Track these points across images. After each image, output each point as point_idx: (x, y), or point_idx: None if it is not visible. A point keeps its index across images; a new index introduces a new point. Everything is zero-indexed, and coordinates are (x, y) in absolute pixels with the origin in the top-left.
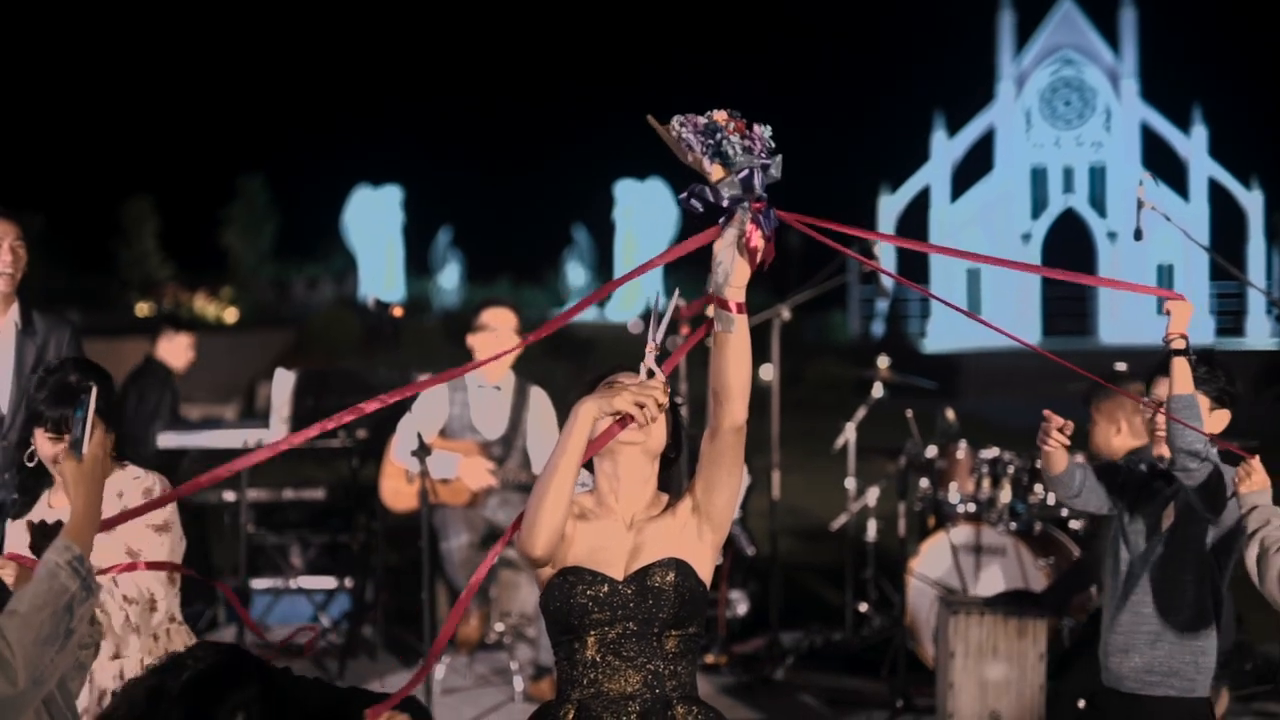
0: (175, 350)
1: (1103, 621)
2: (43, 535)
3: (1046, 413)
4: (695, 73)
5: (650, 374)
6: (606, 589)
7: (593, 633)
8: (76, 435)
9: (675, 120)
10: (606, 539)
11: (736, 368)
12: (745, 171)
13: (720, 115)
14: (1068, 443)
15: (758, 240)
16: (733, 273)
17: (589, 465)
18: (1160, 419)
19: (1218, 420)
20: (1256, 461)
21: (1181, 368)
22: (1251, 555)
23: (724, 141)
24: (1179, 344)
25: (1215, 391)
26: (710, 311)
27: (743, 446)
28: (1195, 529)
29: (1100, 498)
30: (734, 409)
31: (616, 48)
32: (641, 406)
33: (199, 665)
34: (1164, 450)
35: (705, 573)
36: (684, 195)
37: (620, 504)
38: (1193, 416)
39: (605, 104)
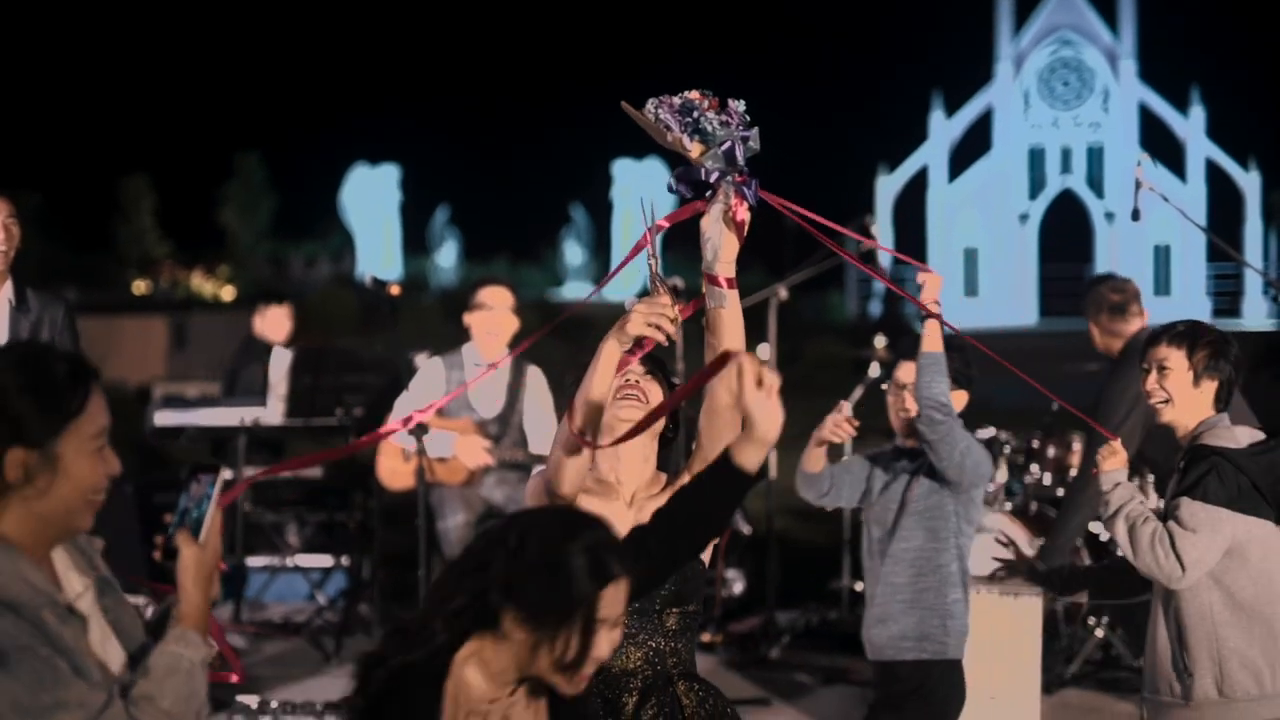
0: (273, 324)
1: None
2: None
3: (841, 404)
4: (693, 53)
5: (664, 288)
6: None
7: None
8: (195, 516)
9: (650, 103)
10: (607, 516)
11: (731, 342)
12: (727, 144)
13: (694, 94)
14: (854, 433)
15: (743, 213)
16: (722, 247)
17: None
18: (901, 400)
19: (956, 400)
20: (1118, 443)
21: (933, 329)
22: (1120, 531)
23: (701, 119)
24: (934, 308)
25: (952, 372)
26: (704, 290)
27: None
28: (938, 498)
29: (848, 493)
30: (731, 384)
31: (613, 27)
32: (656, 327)
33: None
34: (903, 426)
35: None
36: (671, 180)
37: (621, 483)
38: (939, 373)
39: (603, 83)
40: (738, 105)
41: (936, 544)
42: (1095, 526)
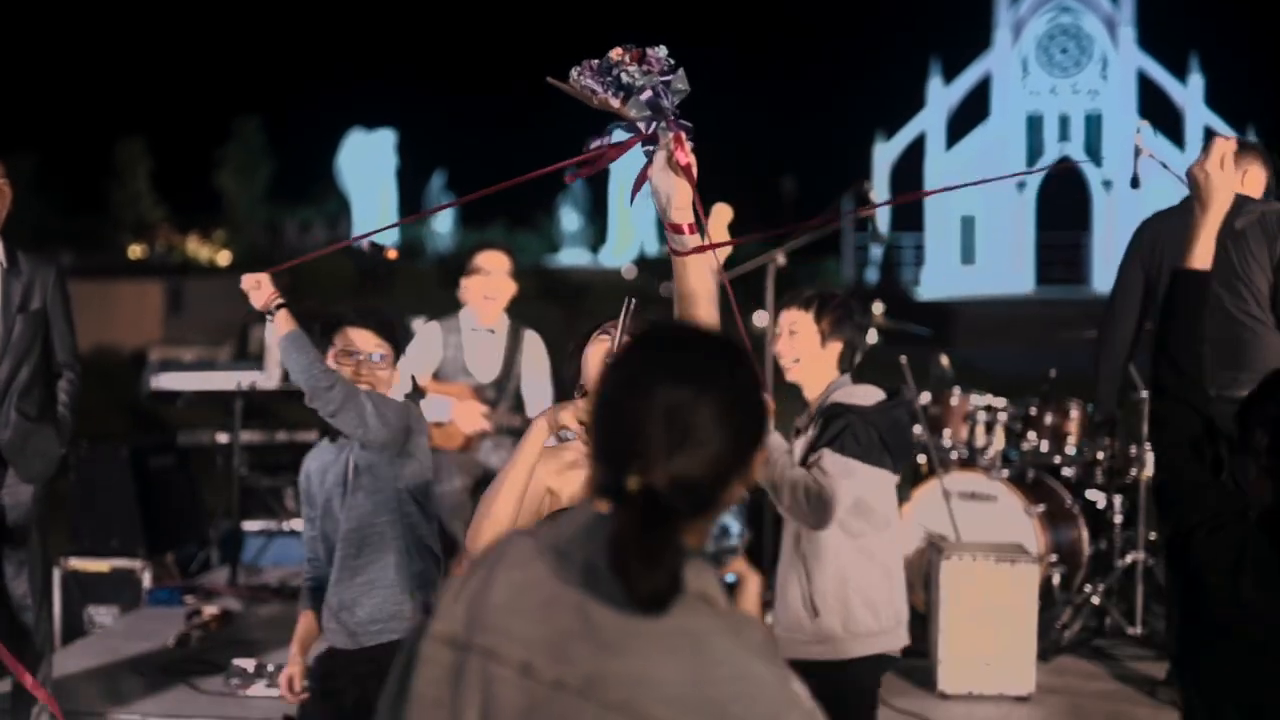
0: None
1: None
2: None
3: None
4: (688, 17)
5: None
6: None
7: None
8: None
9: (573, 71)
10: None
11: (695, 277)
12: (647, 92)
13: (615, 52)
14: None
15: (686, 155)
16: (674, 193)
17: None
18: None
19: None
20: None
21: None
22: (770, 477)
23: (621, 74)
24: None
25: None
26: (667, 239)
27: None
28: (383, 471)
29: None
30: (700, 314)
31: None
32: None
33: None
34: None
35: None
36: (594, 139)
37: None
38: (297, 351)
39: (599, 47)
40: (658, 51)
41: (383, 517)
42: (1093, 495)
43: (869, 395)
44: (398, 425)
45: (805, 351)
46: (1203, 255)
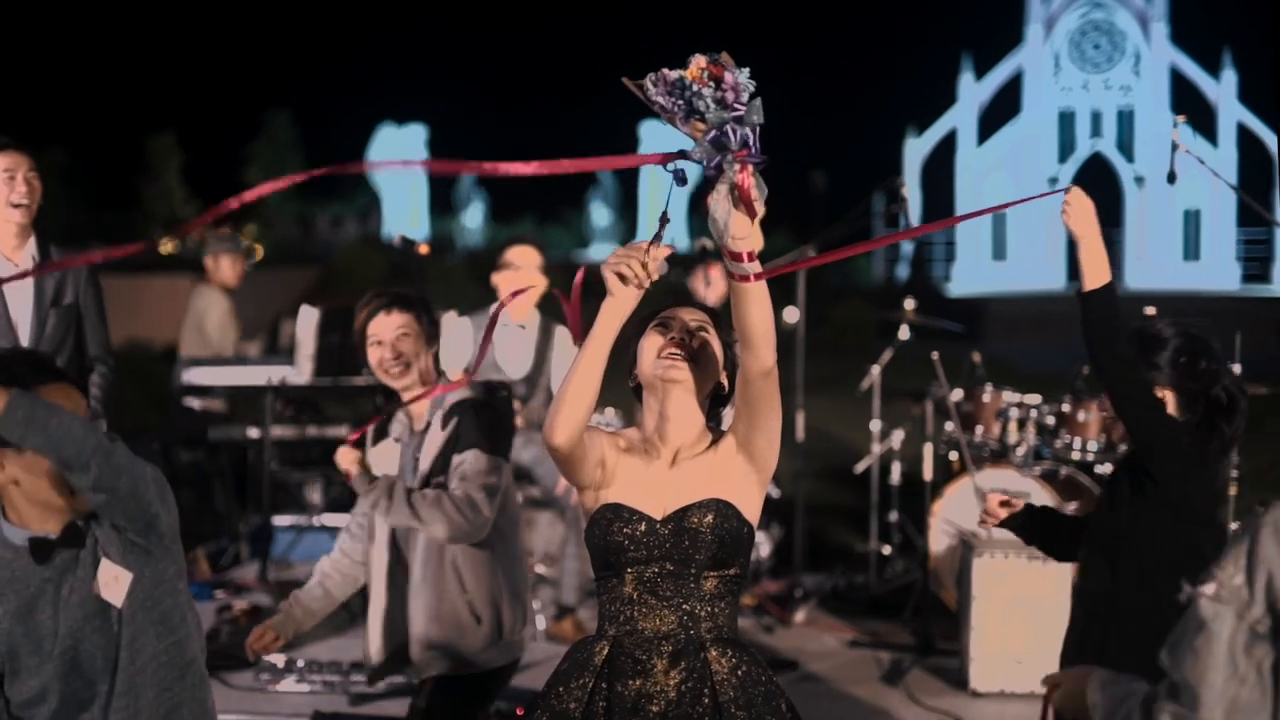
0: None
1: None
2: None
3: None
4: (723, 13)
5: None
6: (644, 527)
7: (630, 570)
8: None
9: (649, 79)
10: (649, 476)
11: (757, 313)
12: (713, 133)
13: (695, 65)
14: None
15: (751, 191)
16: (731, 225)
17: (638, 396)
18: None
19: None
20: None
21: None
22: (399, 515)
23: (694, 99)
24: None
25: None
26: (725, 263)
27: (776, 388)
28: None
29: None
30: (760, 354)
31: None
32: (622, 277)
33: None
34: None
35: (750, 511)
36: (669, 167)
37: (665, 441)
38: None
39: (631, 43)
40: (738, 76)
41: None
42: None
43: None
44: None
45: (414, 353)
46: (1099, 273)
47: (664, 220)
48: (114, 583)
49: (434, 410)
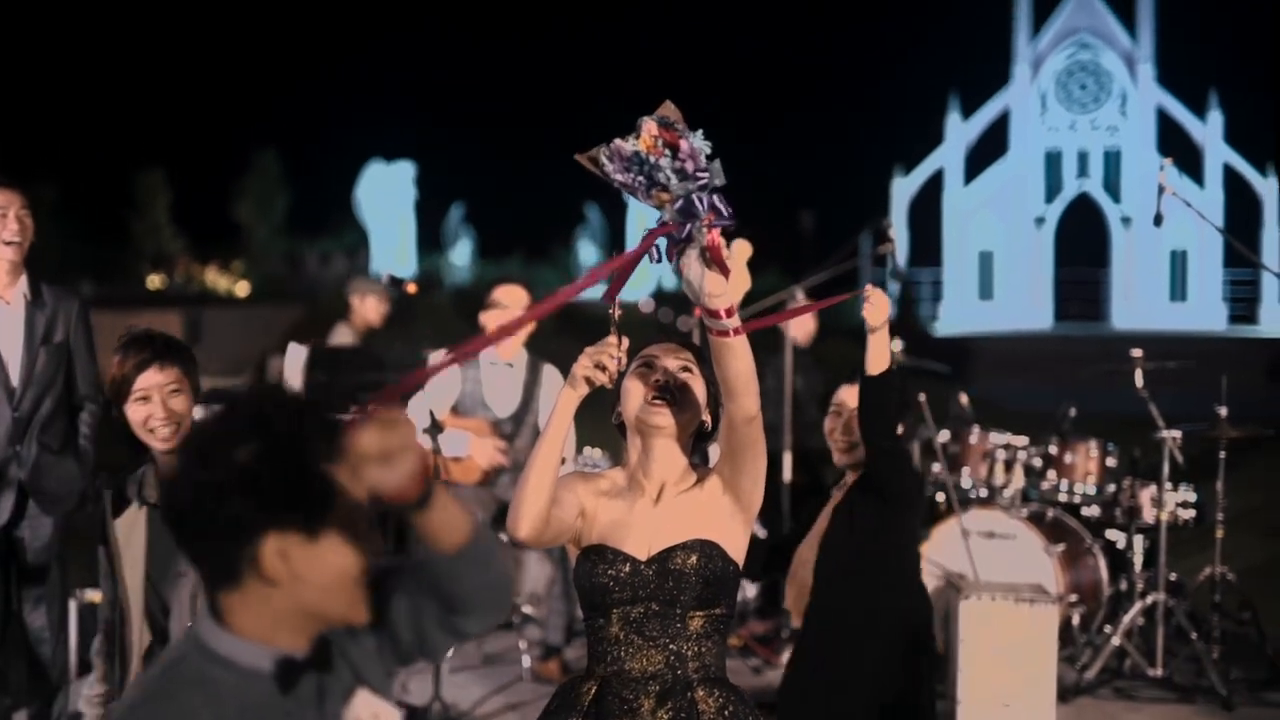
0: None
1: None
2: None
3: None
4: (708, 51)
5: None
6: (628, 569)
7: (616, 611)
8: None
9: (603, 154)
10: (633, 516)
11: (739, 365)
12: (680, 201)
13: (647, 134)
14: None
15: (721, 252)
16: (706, 285)
17: (622, 433)
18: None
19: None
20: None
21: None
22: None
23: (653, 171)
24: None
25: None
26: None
27: (761, 434)
28: None
29: None
30: (743, 403)
31: (628, 27)
32: (602, 369)
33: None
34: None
35: (736, 551)
36: (645, 247)
37: (650, 478)
38: None
39: (618, 82)
40: (693, 140)
41: None
42: (1112, 535)
43: None
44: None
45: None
46: (882, 361)
47: (614, 317)
48: None
49: None
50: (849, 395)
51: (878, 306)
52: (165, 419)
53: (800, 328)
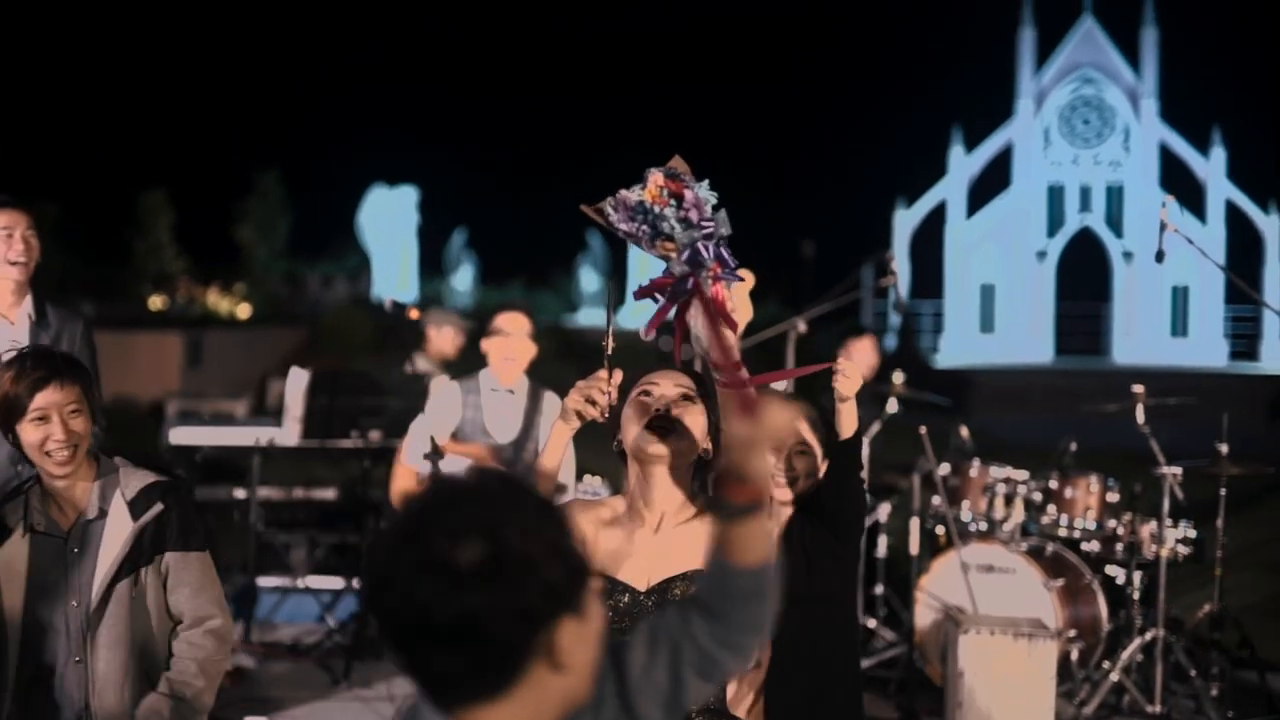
0: (858, 357)
1: None
2: None
3: None
4: (712, 83)
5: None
6: (628, 599)
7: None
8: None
9: (607, 205)
10: (632, 545)
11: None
12: (687, 251)
13: (653, 184)
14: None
15: (722, 299)
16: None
17: (623, 459)
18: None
19: None
20: None
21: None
22: None
23: (658, 221)
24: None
25: None
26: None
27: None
28: None
29: None
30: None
31: (631, 57)
32: (592, 403)
33: None
34: None
35: None
36: (638, 292)
37: (650, 507)
38: None
39: (620, 110)
40: (698, 190)
41: None
42: (1112, 570)
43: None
44: None
45: None
46: (849, 427)
47: (606, 350)
48: None
49: (105, 496)
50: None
51: (850, 379)
52: (64, 441)
53: (862, 360)
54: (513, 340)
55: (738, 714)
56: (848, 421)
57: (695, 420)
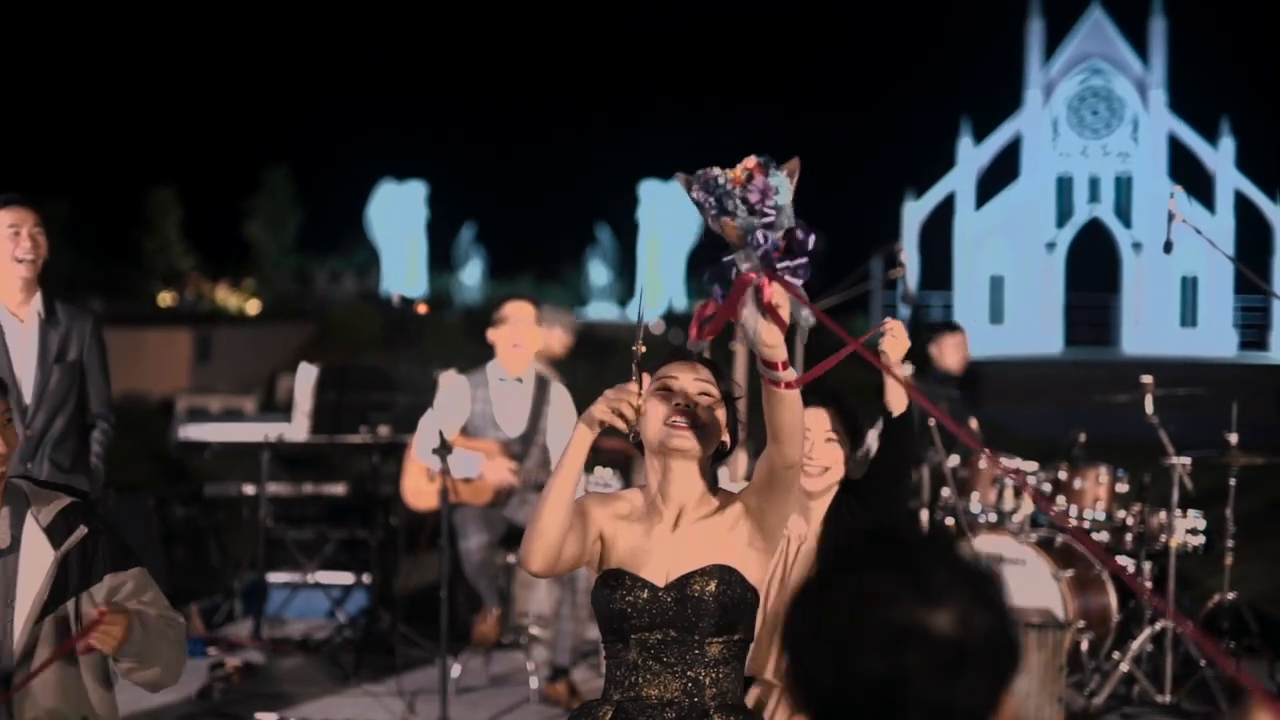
0: (949, 351)
1: None
2: None
3: None
4: (723, 76)
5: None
6: (646, 595)
7: (634, 636)
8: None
9: (697, 175)
10: (651, 540)
11: (788, 416)
12: (749, 236)
13: (742, 165)
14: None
15: (778, 298)
16: (760, 333)
17: (640, 451)
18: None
19: None
20: None
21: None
22: None
23: (725, 197)
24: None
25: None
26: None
27: (798, 480)
28: None
29: None
30: (787, 451)
31: (641, 51)
32: (620, 415)
33: None
34: None
35: (755, 577)
36: (707, 278)
37: (668, 501)
38: None
39: (630, 104)
40: (769, 179)
41: None
42: (1122, 560)
43: None
44: None
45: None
46: (898, 402)
47: (636, 356)
48: None
49: (15, 523)
50: (812, 419)
51: (899, 339)
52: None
53: (954, 355)
54: (520, 327)
55: None
56: (895, 396)
57: (715, 413)
